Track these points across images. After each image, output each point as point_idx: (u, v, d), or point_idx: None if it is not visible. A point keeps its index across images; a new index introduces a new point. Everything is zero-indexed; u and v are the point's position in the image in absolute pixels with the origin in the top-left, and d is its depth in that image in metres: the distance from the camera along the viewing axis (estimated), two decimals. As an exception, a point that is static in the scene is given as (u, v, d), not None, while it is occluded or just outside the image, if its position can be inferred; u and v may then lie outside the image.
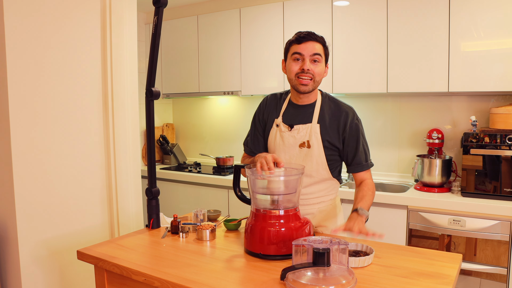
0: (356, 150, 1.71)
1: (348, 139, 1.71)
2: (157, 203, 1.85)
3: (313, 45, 1.64)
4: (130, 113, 2.30)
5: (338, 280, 1.17)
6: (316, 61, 1.65)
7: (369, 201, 1.65)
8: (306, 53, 1.63)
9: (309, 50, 1.63)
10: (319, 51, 1.64)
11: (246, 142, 1.91)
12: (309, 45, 1.63)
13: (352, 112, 1.72)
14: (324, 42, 1.68)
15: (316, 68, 1.65)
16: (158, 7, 1.74)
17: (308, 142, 1.70)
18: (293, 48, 1.67)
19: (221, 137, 3.92)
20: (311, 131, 1.70)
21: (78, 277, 2.14)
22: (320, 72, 1.66)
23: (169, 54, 3.76)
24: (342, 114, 1.71)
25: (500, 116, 2.42)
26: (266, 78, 3.20)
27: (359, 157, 1.72)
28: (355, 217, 1.54)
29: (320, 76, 1.67)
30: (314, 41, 1.64)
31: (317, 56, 1.64)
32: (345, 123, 1.70)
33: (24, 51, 1.91)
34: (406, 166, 3.02)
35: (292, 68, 1.67)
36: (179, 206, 3.47)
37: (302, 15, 2.99)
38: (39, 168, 1.99)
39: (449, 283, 1.22)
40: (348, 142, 1.71)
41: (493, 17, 2.37)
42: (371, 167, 1.76)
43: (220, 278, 1.28)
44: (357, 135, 1.71)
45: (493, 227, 2.26)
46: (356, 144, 1.71)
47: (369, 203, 1.64)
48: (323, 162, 1.71)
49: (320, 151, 1.70)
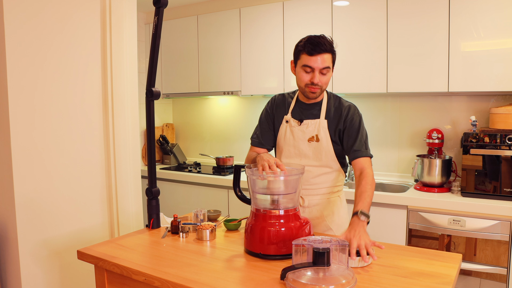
0: (355, 138, 1.77)
1: (348, 128, 1.78)
2: (157, 203, 1.85)
3: (323, 58, 1.67)
4: (130, 113, 2.30)
5: (338, 280, 1.17)
6: (325, 74, 1.71)
7: (369, 198, 1.64)
8: (316, 66, 1.67)
9: (319, 64, 1.67)
10: (328, 63, 1.69)
11: (255, 135, 1.94)
12: (319, 59, 1.66)
13: (353, 107, 1.83)
14: (333, 50, 1.71)
15: (324, 79, 1.72)
16: (158, 7, 1.74)
17: (317, 136, 1.79)
18: (303, 58, 1.69)
19: (221, 137, 3.92)
20: (320, 126, 1.79)
21: (78, 277, 2.14)
22: (327, 81, 1.74)
23: (169, 54, 3.76)
24: (345, 109, 1.81)
25: (500, 116, 2.42)
26: (266, 78, 3.20)
27: (359, 144, 1.77)
28: (355, 225, 1.48)
29: (327, 84, 1.75)
30: (324, 53, 1.66)
31: (326, 69, 1.69)
32: (346, 115, 1.79)
33: (24, 51, 1.91)
34: (406, 166, 3.02)
35: (302, 78, 1.72)
36: (179, 206, 3.47)
37: (302, 15, 2.99)
38: (39, 168, 1.99)
39: (449, 283, 1.22)
40: (349, 131, 1.78)
41: (493, 17, 2.37)
42: (369, 156, 1.78)
43: (220, 278, 1.28)
44: (358, 126, 1.79)
45: (493, 227, 2.26)
46: (357, 133, 1.78)
47: (368, 201, 1.63)
48: (332, 154, 1.81)
49: (329, 144, 1.79)
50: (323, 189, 1.85)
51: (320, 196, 1.85)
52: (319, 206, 1.85)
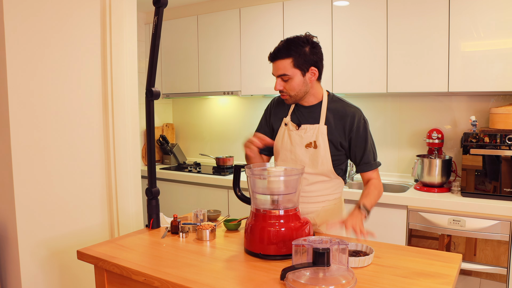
0: (364, 150, 1.72)
1: (356, 139, 1.71)
2: (157, 203, 1.85)
3: (279, 65, 1.63)
4: (130, 113, 2.30)
5: (338, 280, 1.17)
6: (286, 80, 1.65)
7: (373, 199, 1.66)
8: (275, 73, 1.67)
9: (276, 71, 1.66)
10: (284, 70, 1.62)
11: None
12: (276, 65, 1.66)
13: (359, 113, 1.72)
14: (295, 53, 1.61)
15: (287, 85, 1.66)
16: (158, 7, 1.74)
17: (315, 143, 1.71)
18: None
19: (221, 137, 3.92)
20: (318, 132, 1.71)
21: (78, 277, 2.14)
22: (293, 87, 1.66)
23: (169, 54, 3.76)
24: (349, 115, 1.70)
25: (500, 116, 2.42)
26: (266, 78, 3.19)
27: (367, 157, 1.73)
28: (355, 214, 1.56)
29: (294, 90, 1.66)
30: (280, 60, 1.63)
31: (283, 76, 1.64)
32: (352, 123, 1.69)
33: (24, 51, 1.91)
34: (406, 166, 3.02)
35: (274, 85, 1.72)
36: (179, 206, 3.47)
37: (302, 15, 2.99)
38: (39, 168, 1.99)
39: (449, 283, 1.22)
40: (356, 143, 1.72)
41: (493, 17, 2.37)
42: (378, 166, 1.77)
43: (220, 278, 1.28)
44: (365, 135, 1.72)
45: (493, 227, 2.26)
46: (365, 144, 1.72)
47: (373, 201, 1.66)
48: (329, 162, 1.72)
49: (326, 152, 1.71)
50: (319, 197, 1.77)
51: (314, 204, 1.77)
52: (314, 214, 1.77)
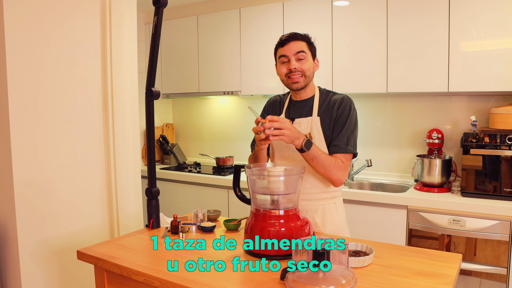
0: (339, 132, 1.71)
1: (336, 121, 1.73)
2: (157, 203, 1.85)
3: (296, 44, 1.71)
4: (130, 113, 2.30)
5: (338, 280, 1.17)
6: (301, 59, 1.71)
7: (321, 154, 1.64)
8: (290, 53, 1.71)
9: (292, 50, 1.71)
10: (302, 48, 1.72)
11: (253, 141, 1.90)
12: (292, 45, 1.71)
13: (346, 99, 1.76)
14: (308, 40, 1.75)
15: (303, 65, 1.72)
16: (158, 7, 1.74)
17: (310, 134, 1.74)
18: (279, 51, 1.76)
19: (221, 137, 3.92)
20: (312, 123, 1.74)
21: (78, 277, 2.14)
22: (308, 68, 1.73)
23: (169, 54, 3.76)
24: (337, 100, 1.76)
25: (500, 116, 2.42)
26: (266, 78, 3.19)
27: (339, 139, 1.70)
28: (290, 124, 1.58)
29: (309, 71, 1.74)
30: (296, 41, 1.72)
31: (301, 53, 1.71)
32: (338, 107, 1.74)
33: (24, 51, 1.91)
34: (406, 166, 3.02)
35: (281, 70, 1.76)
36: (179, 206, 3.47)
37: (302, 15, 2.99)
38: (39, 168, 1.99)
39: (449, 283, 1.22)
40: (335, 125, 1.72)
41: (493, 17, 2.37)
42: (349, 152, 1.71)
43: (220, 278, 1.28)
44: (344, 119, 1.71)
45: (493, 227, 2.26)
46: (342, 127, 1.71)
47: (319, 152, 1.64)
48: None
49: (322, 142, 1.73)
50: (314, 194, 1.76)
51: (309, 202, 1.76)
52: (310, 213, 1.75)
